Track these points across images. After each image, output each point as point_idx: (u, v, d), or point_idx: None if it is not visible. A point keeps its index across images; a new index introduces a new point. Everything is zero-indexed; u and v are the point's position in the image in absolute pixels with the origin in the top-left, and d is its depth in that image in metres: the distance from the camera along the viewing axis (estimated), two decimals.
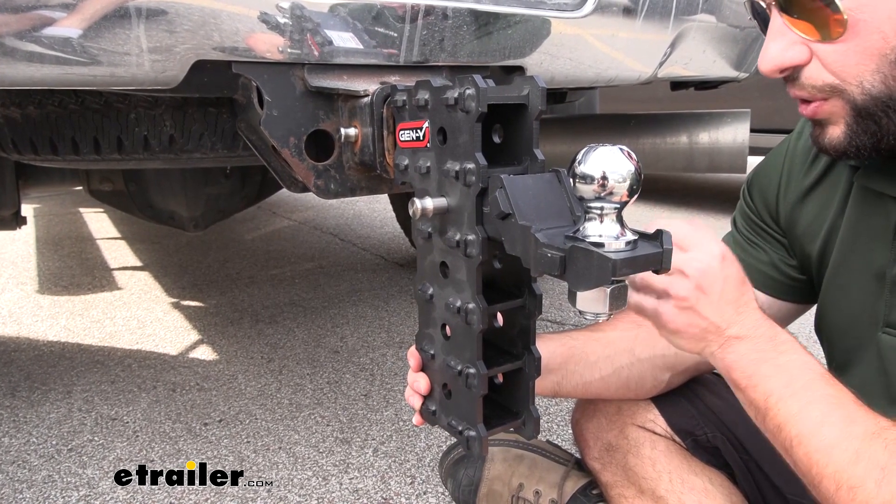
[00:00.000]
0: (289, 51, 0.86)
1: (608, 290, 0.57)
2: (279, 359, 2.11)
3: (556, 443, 1.20)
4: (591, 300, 0.58)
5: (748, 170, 1.11)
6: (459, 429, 0.71)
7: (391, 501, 1.39)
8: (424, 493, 1.41)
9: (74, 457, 1.56)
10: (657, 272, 0.58)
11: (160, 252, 3.52)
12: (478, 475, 1.11)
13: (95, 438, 1.64)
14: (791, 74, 0.70)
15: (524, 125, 0.65)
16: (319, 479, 1.47)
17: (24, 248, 3.62)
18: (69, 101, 1.17)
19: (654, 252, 0.56)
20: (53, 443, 1.62)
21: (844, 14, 0.63)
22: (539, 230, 0.57)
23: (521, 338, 0.72)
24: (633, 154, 0.57)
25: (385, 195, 3.49)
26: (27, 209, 4.28)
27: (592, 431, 1.01)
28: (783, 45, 0.69)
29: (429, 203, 0.66)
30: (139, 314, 2.54)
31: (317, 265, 3.24)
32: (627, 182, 0.56)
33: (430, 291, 0.72)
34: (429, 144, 0.69)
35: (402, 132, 0.73)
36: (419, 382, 0.76)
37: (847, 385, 0.67)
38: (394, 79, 0.96)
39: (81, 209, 4.62)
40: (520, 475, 1.10)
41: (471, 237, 0.64)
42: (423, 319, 0.75)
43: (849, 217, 0.82)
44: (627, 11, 1.18)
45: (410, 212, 0.67)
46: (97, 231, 4.05)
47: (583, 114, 2.27)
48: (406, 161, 0.73)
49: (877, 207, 0.78)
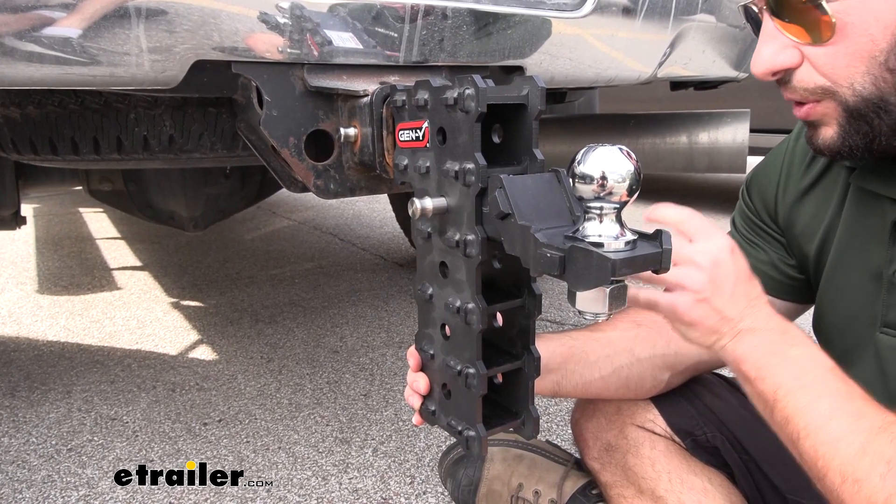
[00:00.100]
0: (288, 51, 0.86)
1: (607, 290, 0.57)
2: (279, 359, 2.11)
3: (556, 443, 1.19)
4: (591, 300, 0.58)
5: (748, 170, 1.11)
6: (459, 429, 0.71)
7: (391, 501, 1.39)
8: (424, 493, 1.41)
9: (74, 457, 1.56)
10: (656, 272, 0.58)
11: (160, 252, 3.52)
12: (477, 475, 1.11)
13: (95, 438, 1.64)
14: (783, 77, 0.71)
15: (524, 125, 0.65)
16: (319, 479, 1.47)
17: (24, 248, 3.62)
18: (69, 101, 1.17)
19: (654, 252, 0.56)
20: (53, 443, 1.62)
21: (832, 17, 0.64)
22: (538, 230, 0.57)
23: (521, 338, 0.72)
24: (633, 154, 0.57)
25: (385, 195, 3.49)
26: (27, 209, 4.28)
27: (592, 431, 1.01)
28: (775, 49, 0.70)
29: (428, 203, 0.66)
30: (139, 314, 2.54)
31: (316, 265, 3.24)
32: (627, 182, 0.56)
33: (430, 291, 0.72)
34: (428, 144, 0.69)
35: (402, 132, 0.73)
36: (419, 382, 0.76)
37: None
38: (393, 79, 0.96)
39: (81, 209, 4.62)
40: (519, 475, 1.10)
41: (470, 237, 0.64)
42: (423, 319, 0.75)
43: (846, 217, 0.82)
44: (627, 11, 1.18)
45: (410, 212, 0.67)
46: (97, 231, 4.05)
47: (582, 114, 2.28)
48: (405, 161, 0.73)
49: (873, 208, 0.78)
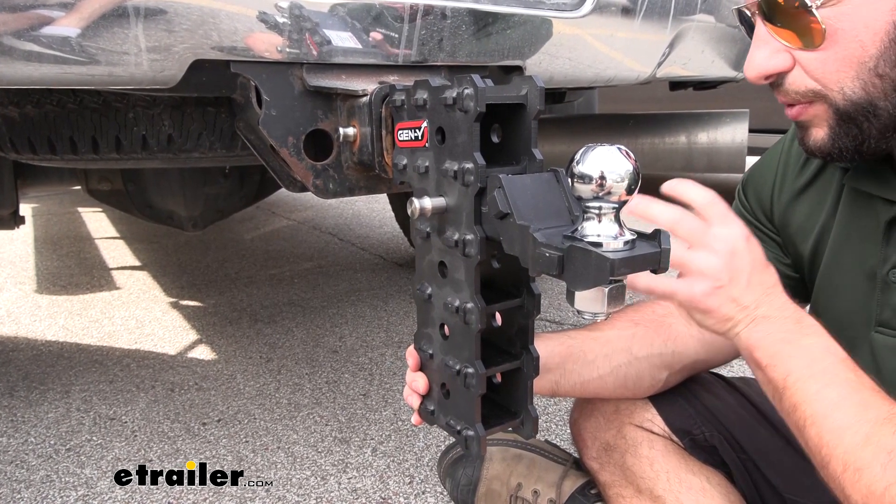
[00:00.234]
0: (287, 50, 0.86)
1: (606, 290, 0.57)
2: (278, 358, 2.11)
3: (555, 442, 1.20)
4: (590, 300, 0.58)
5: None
6: (458, 428, 0.71)
7: (390, 501, 1.39)
8: (423, 493, 1.41)
9: (73, 456, 1.56)
10: (655, 272, 0.58)
11: (159, 252, 3.52)
12: (476, 475, 1.11)
13: (94, 438, 1.64)
14: (776, 81, 0.72)
15: (523, 125, 0.65)
16: (318, 479, 1.47)
17: (23, 248, 3.62)
18: (67, 101, 1.17)
19: (653, 251, 0.56)
20: (52, 442, 1.62)
21: (823, 24, 0.66)
22: (537, 230, 0.57)
23: (520, 337, 0.72)
24: (632, 154, 0.57)
25: (384, 195, 3.49)
26: (25, 209, 4.27)
27: (590, 431, 1.01)
28: (767, 53, 0.71)
29: (427, 203, 0.66)
30: (138, 314, 2.54)
31: (315, 265, 3.24)
32: (626, 182, 0.56)
33: (429, 291, 0.72)
34: (427, 144, 0.69)
35: (401, 132, 0.73)
36: (418, 382, 0.76)
37: None
38: (392, 78, 0.95)
39: (80, 209, 4.62)
40: (518, 475, 1.10)
41: (469, 237, 0.64)
42: (422, 319, 0.75)
43: (840, 217, 0.83)
44: (626, 11, 1.18)
45: (409, 211, 0.67)
46: (95, 231, 4.05)
47: (581, 114, 2.27)
48: (404, 161, 0.73)
49: (867, 208, 0.79)
